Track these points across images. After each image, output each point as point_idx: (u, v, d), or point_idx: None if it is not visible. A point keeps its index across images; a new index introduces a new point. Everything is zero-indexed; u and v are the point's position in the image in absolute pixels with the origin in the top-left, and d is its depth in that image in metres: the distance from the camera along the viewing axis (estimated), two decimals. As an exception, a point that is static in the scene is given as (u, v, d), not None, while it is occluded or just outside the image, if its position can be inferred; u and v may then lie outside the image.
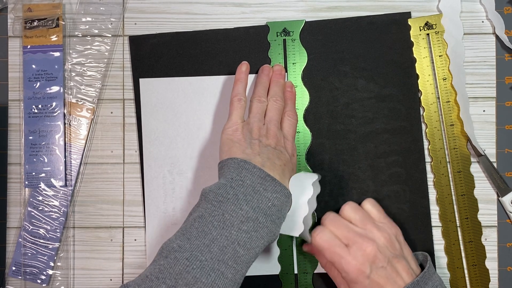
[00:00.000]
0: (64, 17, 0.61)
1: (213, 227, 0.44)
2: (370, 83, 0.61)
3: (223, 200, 0.46)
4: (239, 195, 0.46)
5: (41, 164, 0.60)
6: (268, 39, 0.61)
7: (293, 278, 0.60)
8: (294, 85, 0.60)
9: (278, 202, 0.46)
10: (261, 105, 0.55)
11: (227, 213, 0.45)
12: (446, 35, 0.60)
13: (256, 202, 0.45)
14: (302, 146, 0.60)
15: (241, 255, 0.44)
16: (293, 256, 0.60)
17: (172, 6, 0.62)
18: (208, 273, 0.43)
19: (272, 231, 0.46)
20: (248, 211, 0.45)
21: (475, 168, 0.61)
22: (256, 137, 0.52)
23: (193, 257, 0.43)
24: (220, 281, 0.43)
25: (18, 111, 0.61)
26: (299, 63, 0.60)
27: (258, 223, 0.45)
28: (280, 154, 0.51)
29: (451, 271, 0.60)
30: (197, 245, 0.44)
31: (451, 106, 0.60)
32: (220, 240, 0.44)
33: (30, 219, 0.60)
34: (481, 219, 0.60)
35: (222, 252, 0.43)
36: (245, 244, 0.44)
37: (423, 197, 0.60)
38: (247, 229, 0.44)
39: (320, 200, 0.60)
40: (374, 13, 0.61)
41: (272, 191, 0.46)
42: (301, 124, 0.60)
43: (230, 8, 0.62)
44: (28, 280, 0.60)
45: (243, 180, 0.46)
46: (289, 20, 0.61)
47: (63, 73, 0.61)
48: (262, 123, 0.54)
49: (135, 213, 0.61)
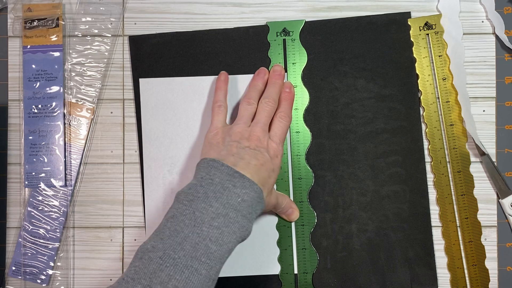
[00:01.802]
0: (64, 17, 0.61)
1: (184, 226, 0.45)
2: (370, 83, 0.61)
3: (193, 199, 0.46)
4: (209, 193, 0.46)
5: (41, 164, 0.60)
6: (268, 39, 0.61)
7: (293, 278, 0.60)
8: (294, 85, 0.60)
9: (248, 197, 0.47)
10: (249, 107, 0.56)
11: (197, 211, 0.46)
12: (446, 35, 0.60)
13: (225, 199, 0.46)
14: (302, 146, 0.60)
15: (213, 251, 0.45)
16: (293, 256, 0.60)
17: (172, 6, 0.62)
18: (182, 270, 0.43)
19: (244, 226, 0.47)
20: (218, 207, 0.46)
21: (475, 168, 0.61)
22: (235, 139, 0.52)
23: (166, 256, 0.44)
24: (194, 277, 0.43)
25: (18, 111, 0.61)
26: (299, 63, 0.60)
27: (229, 219, 0.46)
28: (258, 155, 0.51)
29: (451, 271, 0.60)
30: (170, 244, 0.44)
31: (450, 106, 0.60)
32: (192, 238, 0.44)
33: (30, 219, 0.60)
34: (481, 219, 0.60)
35: (194, 249, 0.44)
36: (217, 240, 0.45)
37: (423, 197, 0.60)
38: (218, 225, 0.45)
39: (320, 200, 0.60)
40: (374, 13, 0.61)
41: (241, 187, 0.47)
42: (301, 124, 0.60)
43: (230, 8, 0.62)
44: (28, 280, 0.60)
45: (212, 179, 0.47)
46: (289, 20, 0.61)
47: (63, 73, 0.61)
48: (247, 125, 0.54)
49: (135, 213, 0.61)
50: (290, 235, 0.60)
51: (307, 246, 0.60)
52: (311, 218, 0.60)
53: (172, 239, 0.45)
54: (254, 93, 0.57)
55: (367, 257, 0.60)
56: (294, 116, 0.60)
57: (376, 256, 0.60)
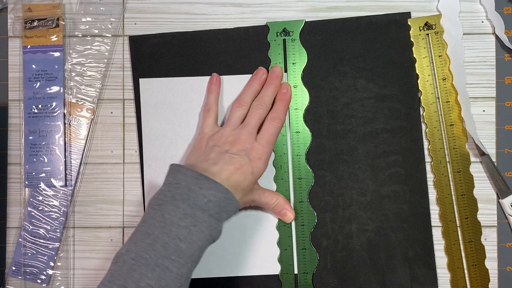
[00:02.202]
0: (64, 17, 0.62)
1: (155, 228, 0.47)
2: (370, 83, 0.61)
3: (162, 203, 0.49)
4: (176, 195, 0.48)
5: (41, 164, 0.60)
6: (268, 39, 0.61)
7: (293, 278, 0.60)
8: (294, 85, 0.60)
9: (214, 198, 0.49)
10: (239, 110, 0.57)
11: (166, 213, 0.48)
12: (446, 35, 0.60)
13: (192, 200, 0.48)
14: (302, 146, 0.60)
15: (183, 249, 0.47)
16: (293, 256, 0.60)
17: (172, 6, 0.62)
18: (153, 268, 0.45)
19: (212, 225, 0.49)
20: (185, 208, 0.48)
21: (475, 168, 0.61)
22: (217, 144, 0.55)
23: (138, 257, 0.46)
24: (165, 274, 0.45)
25: (18, 111, 0.61)
26: (299, 63, 0.61)
27: (196, 218, 0.48)
28: (234, 159, 0.53)
29: (451, 271, 0.60)
30: (142, 246, 0.47)
31: (450, 106, 0.60)
32: (162, 238, 0.46)
33: (30, 219, 0.60)
34: (481, 219, 0.60)
35: (164, 248, 0.46)
36: (185, 239, 0.47)
37: (423, 197, 0.60)
38: (186, 225, 0.47)
39: (320, 200, 0.60)
40: (374, 13, 0.61)
41: (207, 189, 0.49)
42: (301, 124, 0.60)
43: (230, 8, 0.62)
44: (28, 280, 0.60)
45: (179, 183, 0.49)
46: (289, 20, 0.61)
47: (63, 73, 0.61)
48: (234, 128, 0.56)
49: (135, 213, 0.61)
50: (290, 235, 0.60)
51: (307, 246, 0.60)
52: (311, 218, 0.60)
53: (144, 241, 0.47)
54: (247, 96, 0.58)
55: (367, 257, 0.60)
56: (294, 116, 0.60)
57: (376, 256, 0.60)
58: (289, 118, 0.60)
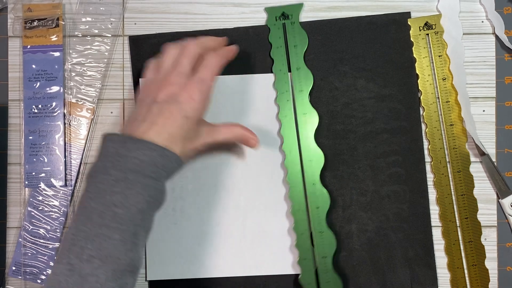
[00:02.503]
0: (64, 17, 0.62)
1: (90, 200, 0.46)
2: (370, 83, 0.61)
3: (94, 174, 0.47)
4: (107, 164, 0.47)
5: (41, 164, 0.60)
6: (267, 24, 0.61)
7: (312, 263, 0.59)
8: (297, 67, 0.59)
9: (145, 157, 0.47)
10: (174, 49, 0.53)
11: (99, 183, 0.47)
12: (446, 35, 0.60)
13: (123, 165, 0.47)
14: (310, 127, 0.59)
15: (121, 215, 0.46)
16: (311, 241, 0.59)
17: (172, 6, 0.62)
18: (93, 239, 0.45)
19: (149, 185, 0.47)
20: (116, 174, 0.46)
21: (475, 168, 0.61)
22: (146, 95, 0.51)
23: (77, 231, 0.45)
24: (106, 243, 0.45)
25: (18, 111, 0.61)
26: (300, 45, 0.60)
27: (129, 182, 0.46)
28: (162, 109, 0.49)
29: (451, 271, 0.60)
30: (80, 220, 0.46)
31: (450, 106, 0.60)
32: (98, 208, 0.46)
33: (30, 219, 0.60)
34: (481, 219, 0.60)
35: (101, 217, 0.45)
36: (121, 204, 0.46)
37: (423, 197, 0.60)
38: (120, 190, 0.46)
39: (320, 200, 0.60)
40: (374, 13, 0.61)
41: (135, 150, 0.47)
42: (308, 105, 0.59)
43: (230, 8, 0.62)
44: (28, 280, 0.60)
45: (107, 151, 0.48)
46: (286, 5, 0.61)
47: (63, 73, 0.61)
48: (164, 71, 0.52)
49: (135, 213, 0.61)
50: (306, 219, 0.59)
51: (324, 229, 0.59)
52: (325, 199, 0.59)
53: (82, 216, 0.46)
54: (191, 41, 0.54)
55: (367, 257, 0.60)
56: (299, 98, 0.59)
57: (376, 256, 0.60)
58: (295, 101, 0.60)
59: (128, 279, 0.46)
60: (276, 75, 0.60)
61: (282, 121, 0.59)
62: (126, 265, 0.45)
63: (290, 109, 0.59)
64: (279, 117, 0.60)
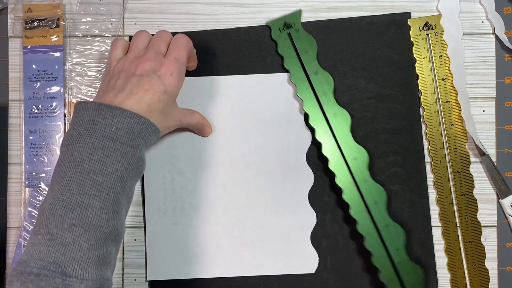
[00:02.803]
0: (64, 17, 0.62)
1: (67, 169, 0.46)
2: (370, 83, 0.61)
3: (69, 143, 0.47)
4: (82, 132, 0.47)
5: (41, 164, 0.60)
6: (273, 38, 0.61)
7: (387, 259, 0.58)
8: (315, 72, 0.59)
9: (122, 125, 0.47)
10: (144, 33, 0.55)
11: (75, 152, 0.46)
12: (446, 36, 0.60)
13: (99, 132, 0.46)
14: (345, 126, 0.59)
15: (101, 182, 0.45)
16: (380, 238, 0.58)
17: (172, 6, 0.62)
18: (73, 208, 0.44)
19: (128, 152, 0.47)
20: (93, 142, 0.46)
21: (475, 168, 0.61)
22: (122, 69, 0.52)
23: (55, 200, 0.45)
24: (87, 211, 0.44)
25: (18, 111, 0.61)
26: (311, 50, 0.60)
27: (107, 149, 0.46)
28: (141, 81, 0.50)
29: (451, 271, 0.60)
30: (57, 189, 0.45)
31: (450, 106, 0.60)
32: (76, 177, 0.45)
33: (31, 219, 0.60)
34: (481, 219, 0.60)
35: (80, 186, 0.45)
36: (101, 171, 0.45)
37: (423, 197, 0.60)
38: (98, 158, 0.46)
39: (320, 200, 0.60)
40: (374, 13, 0.61)
41: (112, 117, 0.47)
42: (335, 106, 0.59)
43: (230, 8, 0.62)
44: (28, 280, 0.60)
45: (82, 119, 0.47)
46: (285, 14, 0.61)
47: (64, 73, 0.61)
48: (138, 51, 0.53)
49: (135, 213, 0.61)
50: (368, 216, 0.58)
51: (389, 223, 0.58)
52: (380, 193, 0.58)
53: (59, 185, 0.46)
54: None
55: (367, 257, 0.60)
56: (325, 101, 0.59)
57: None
58: (322, 105, 0.59)
59: (111, 248, 0.46)
60: (296, 85, 0.60)
61: (315, 126, 0.59)
62: (108, 233, 0.45)
63: (319, 114, 0.59)
64: (310, 123, 0.59)
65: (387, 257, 0.58)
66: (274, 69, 0.61)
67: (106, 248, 0.45)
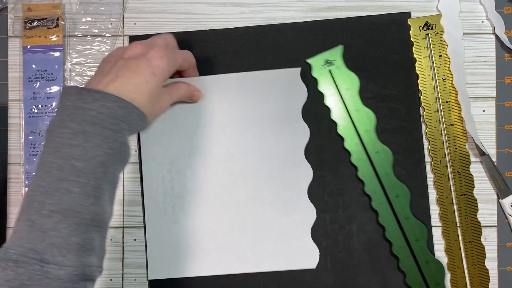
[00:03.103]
0: (64, 17, 0.62)
1: (48, 155, 0.45)
2: (370, 83, 0.61)
3: (52, 128, 0.47)
4: (63, 117, 0.46)
5: (41, 164, 0.60)
6: (313, 75, 0.60)
7: (408, 250, 0.59)
8: (356, 109, 0.59)
9: (104, 109, 0.46)
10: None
11: (56, 137, 0.46)
12: (446, 35, 0.60)
13: (80, 117, 0.46)
14: (386, 162, 0.60)
15: (81, 168, 0.45)
16: (400, 229, 0.59)
17: (172, 6, 0.62)
18: (52, 194, 0.44)
19: (110, 138, 0.46)
20: (74, 127, 0.45)
21: (475, 168, 0.61)
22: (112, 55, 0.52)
23: (35, 186, 0.45)
24: (66, 197, 0.44)
25: (18, 111, 0.61)
26: (352, 87, 0.60)
27: (88, 134, 0.45)
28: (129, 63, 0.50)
29: (451, 271, 0.60)
30: (39, 176, 0.45)
31: (450, 106, 0.60)
32: (56, 162, 0.45)
33: (30, 219, 0.60)
34: (481, 219, 0.60)
35: (60, 171, 0.44)
36: (81, 157, 0.45)
37: (423, 197, 0.60)
38: (78, 143, 0.45)
39: (320, 200, 0.60)
40: (374, 13, 0.61)
41: (93, 101, 0.46)
42: (377, 142, 0.59)
43: (230, 8, 0.62)
44: (28, 280, 0.60)
45: (64, 104, 0.47)
46: (327, 51, 0.60)
47: (63, 73, 0.61)
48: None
49: (135, 213, 0.61)
50: (390, 211, 0.59)
51: (409, 215, 0.59)
52: (402, 187, 0.59)
53: (41, 171, 0.45)
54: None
55: (367, 257, 0.60)
56: (366, 137, 0.59)
57: (376, 256, 0.60)
58: (363, 142, 0.59)
59: (94, 234, 0.45)
60: (337, 122, 0.60)
61: (358, 165, 0.60)
62: (89, 219, 0.45)
63: (361, 152, 0.59)
64: (352, 161, 0.60)
65: (407, 248, 0.59)
66: (273, 69, 0.61)
67: (87, 234, 0.45)
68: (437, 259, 0.59)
